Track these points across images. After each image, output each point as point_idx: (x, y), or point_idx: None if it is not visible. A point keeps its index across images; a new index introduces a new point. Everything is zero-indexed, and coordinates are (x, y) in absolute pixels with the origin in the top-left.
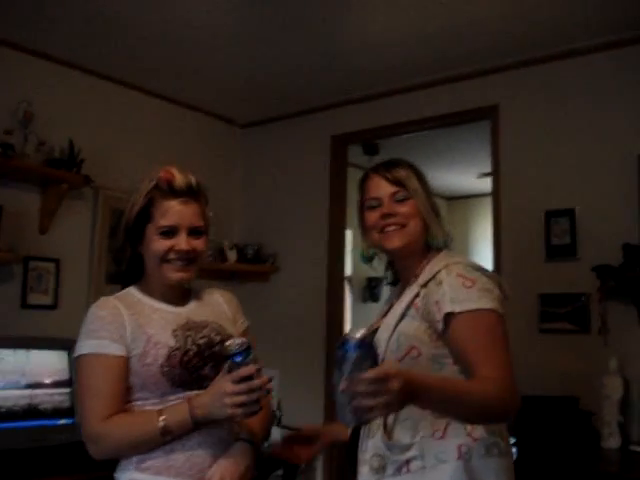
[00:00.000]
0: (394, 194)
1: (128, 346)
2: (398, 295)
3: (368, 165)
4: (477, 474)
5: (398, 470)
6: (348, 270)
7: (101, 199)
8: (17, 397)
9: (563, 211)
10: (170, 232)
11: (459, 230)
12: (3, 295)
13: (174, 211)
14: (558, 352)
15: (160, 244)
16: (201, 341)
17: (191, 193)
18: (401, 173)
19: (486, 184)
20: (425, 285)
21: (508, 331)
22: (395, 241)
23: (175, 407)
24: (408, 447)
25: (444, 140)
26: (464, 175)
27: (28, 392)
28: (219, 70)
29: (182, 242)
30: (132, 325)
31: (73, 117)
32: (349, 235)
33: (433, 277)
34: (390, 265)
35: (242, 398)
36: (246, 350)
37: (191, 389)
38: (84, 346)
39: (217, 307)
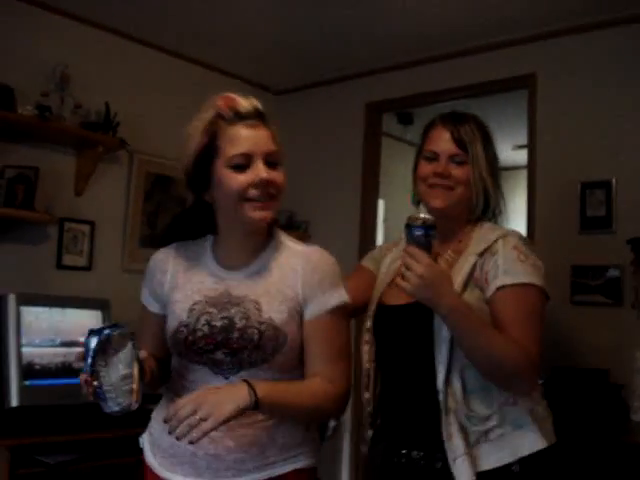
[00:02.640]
0: (453, 155)
1: (163, 303)
2: (438, 250)
3: (402, 135)
4: (547, 434)
5: (477, 441)
6: (380, 240)
7: (136, 163)
8: (52, 355)
9: (599, 183)
10: (244, 164)
11: None
12: (39, 255)
13: (245, 137)
14: (590, 324)
15: (236, 180)
16: (219, 323)
17: (259, 116)
18: (468, 134)
19: (521, 156)
20: (481, 254)
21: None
22: (438, 201)
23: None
24: (488, 417)
25: (479, 110)
26: (499, 147)
27: (63, 350)
28: (254, 36)
29: (261, 171)
30: (170, 284)
31: (109, 81)
32: (382, 205)
33: (490, 247)
34: None
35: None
36: (428, 227)
37: (210, 367)
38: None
39: (283, 277)
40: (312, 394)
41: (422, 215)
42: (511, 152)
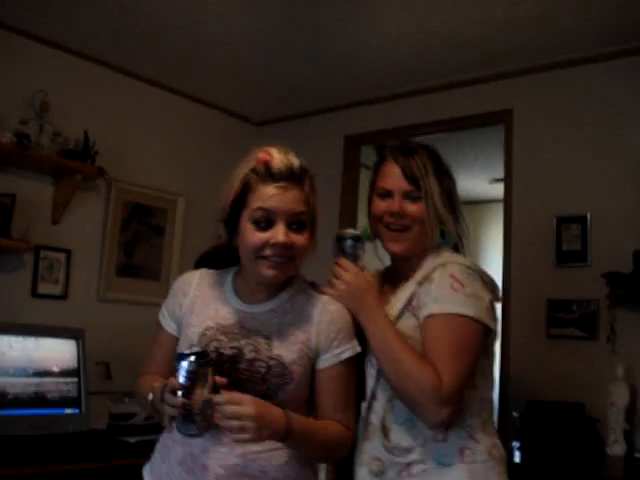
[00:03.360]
0: (407, 192)
1: (179, 324)
2: (393, 285)
3: None
4: (481, 478)
5: (398, 474)
6: None
7: (114, 192)
8: (25, 385)
9: (575, 217)
10: (266, 222)
11: (471, 236)
12: (14, 283)
13: (270, 196)
14: (565, 358)
15: (254, 236)
16: (228, 351)
17: (292, 177)
18: (419, 168)
19: (498, 190)
20: (421, 283)
21: (517, 333)
22: (397, 246)
23: (161, 387)
24: (409, 450)
25: (457, 144)
26: (476, 180)
27: (36, 380)
28: (235, 68)
29: (279, 234)
30: (187, 307)
31: (89, 109)
32: None
33: (428, 275)
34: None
35: (167, 409)
36: (357, 239)
37: None
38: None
39: (298, 320)
40: (331, 434)
41: (349, 230)
42: (488, 185)
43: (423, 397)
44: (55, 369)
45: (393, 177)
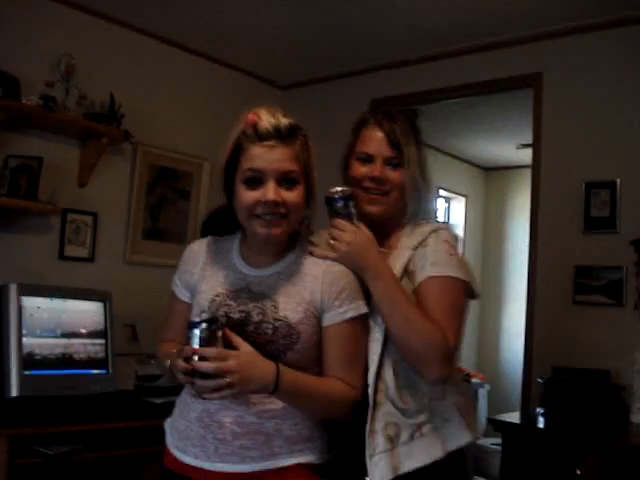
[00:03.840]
0: (389, 158)
1: (192, 292)
2: None
3: None
4: (471, 428)
5: (411, 436)
6: None
7: (140, 155)
8: (52, 346)
9: (604, 183)
10: (255, 180)
11: (496, 202)
12: (41, 246)
13: (259, 157)
14: (591, 325)
15: (246, 195)
16: (236, 315)
17: (280, 136)
18: (403, 135)
19: (525, 155)
20: (416, 248)
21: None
22: (375, 208)
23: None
24: (420, 411)
25: (485, 108)
26: (503, 145)
27: (63, 341)
28: (261, 30)
29: (269, 192)
30: (198, 275)
31: (114, 72)
32: None
33: (423, 240)
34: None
35: (181, 378)
36: (347, 197)
37: None
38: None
39: (303, 281)
40: (329, 391)
41: (338, 188)
42: (515, 151)
43: (431, 353)
44: (82, 331)
45: (376, 142)
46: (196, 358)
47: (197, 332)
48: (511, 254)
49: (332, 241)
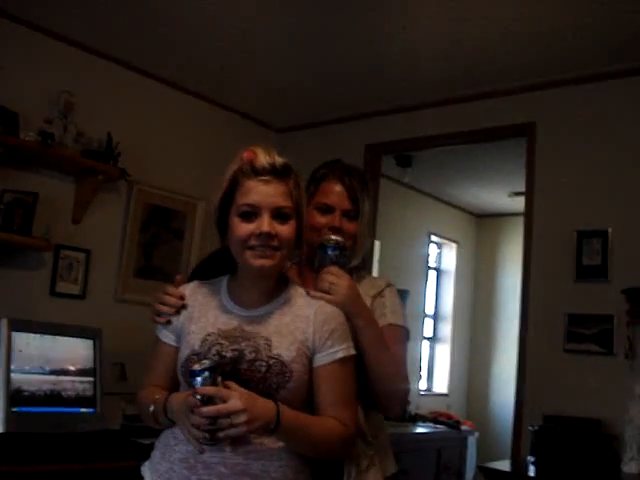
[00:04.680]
0: (347, 211)
1: (177, 335)
2: None
3: (400, 177)
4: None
5: (368, 465)
6: None
7: (135, 193)
8: (41, 382)
9: (596, 232)
10: (251, 213)
11: (487, 248)
12: (33, 281)
13: (255, 190)
14: (583, 373)
15: (241, 228)
16: (229, 354)
17: (275, 172)
18: (359, 190)
19: (517, 203)
20: (374, 297)
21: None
22: None
23: (162, 399)
24: (374, 443)
25: (477, 156)
26: (495, 193)
27: (52, 378)
28: (259, 75)
29: (263, 224)
30: (185, 317)
31: (113, 111)
32: (377, 246)
33: (380, 291)
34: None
35: (195, 432)
36: (342, 247)
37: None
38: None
39: (295, 321)
40: (327, 430)
41: (333, 237)
42: (507, 198)
43: (402, 393)
44: (72, 368)
45: (336, 195)
46: (198, 403)
47: (199, 380)
48: (502, 301)
49: (330, 286)
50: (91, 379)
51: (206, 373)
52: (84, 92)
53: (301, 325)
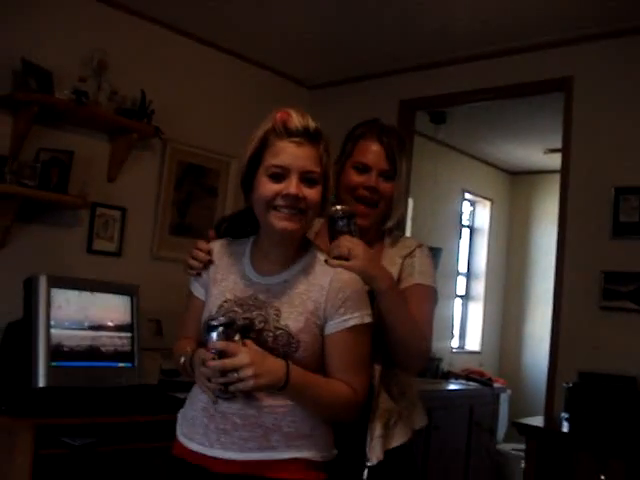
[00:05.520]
0: (384, 171)
1: (206, 291)
2: None
3: (434, 134)
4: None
5: (396, 420)
6: None
7: (169, 151)
8: (80, 338)
9: (634, 188)
10: (280, 175)
11: (521, 206)
12: (70, 239)
13: (286, 152)
14: (618, 331)
15: (268, 187)
16: (240, 322)
17: (308, 135)
18: (397, 150)
19: (552, 160)
20: (404, 258)
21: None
22: (363, 221)
23: (191, 351)
24: (401, 398)
25: (512, 112)
26: (530, 149)
27: (91, 333)
28: (290, 29)
29: (291, 186)
30: (211, 275)
31: (146, 69)
32: (410, 204)
33: (411, 252)
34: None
35: (207, 384)
36: (350, 215)
37: None
38: None
39: (309, 290)
40: (335, 392)
41: (339, 207)
42: (542, 155)
43: (423, 351)
44: (109, 323)
45: (374, 154)
46: (211, 357)
47: (214, 335)
48: (535, 259)
49: (349, 255)
50: (129, 334)
51: (220, 329)
52: (117, 50)
53: (314, 294)
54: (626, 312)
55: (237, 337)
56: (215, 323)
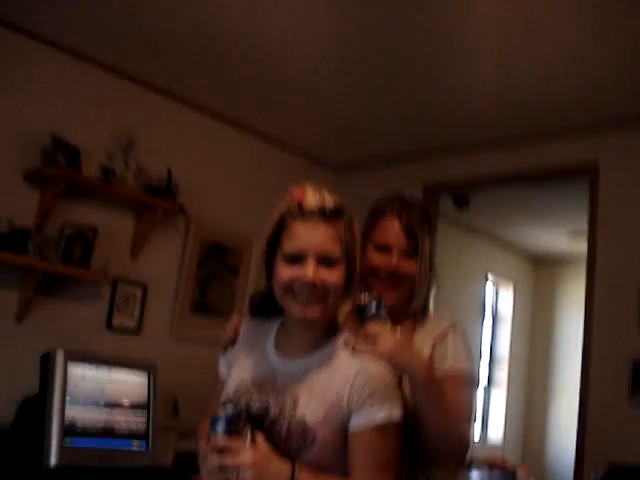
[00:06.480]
0: (405, 249)
1: (229, 370)
2: None
3: (457, 216)
4: None
5: None
6: None
7: (192, 229)
8: (95, 416)
9: None
10: (296, 259)
11: (545, 293)
12: (90, 314)
13: (301, 234)
14: None
15: (285, 272)
16: (256, 407)
17: (324, 215)
18: (419, 227)
19: (576, 246)
20: (436, 339)
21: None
22: (389, 301)
23: None
24: None
25: (536, 195)
26: (554, 234)
27: (106, 412)
28: (316, 111)
29: (308, 271)
30: (235, 353)
31: (173, 148)
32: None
33: (443, 332)
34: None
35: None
36: (378, 301)
37: None
38: None
39: (332, 380)
40: None
41: (366, 294)
42: (566, 240)
43: (466, 443)
44: (125, 402)
45: (394, 233)
46: (212, 451)
47: (219, 427)
48: (560, 346)
49: (377, 342)
50: (145, 413)
51: (226, 420)
52: (145, 128)
53: (337, 385)
54: None
55: (246, 428)
56: (221, 414)
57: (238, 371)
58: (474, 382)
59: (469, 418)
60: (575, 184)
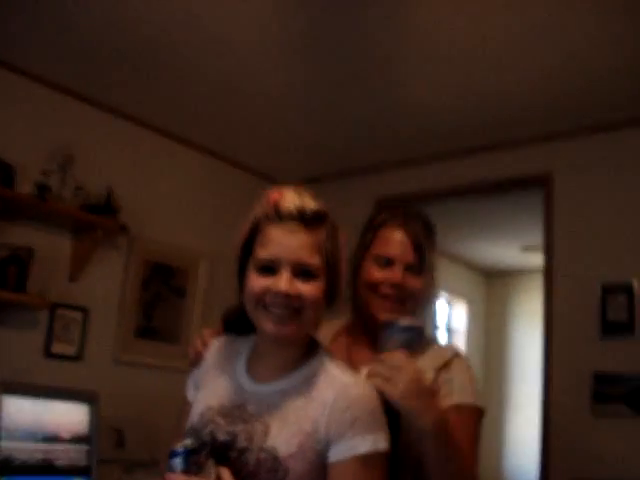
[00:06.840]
0: (410, 264)
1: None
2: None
3: None
4: None
5: None
6: None
7: (135, 249)
8: (32, 450)
9: (620, 285)
10: (270, 268)
11: (498, 307)
12: (27, 342)
13: (276, 241)
14: (611, 436)
15: (255, 282)
16: (222, 437)
17: (303, 220)
18: (424, 239)
19: (529, 259)
20: (439, 370)
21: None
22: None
23: None
24: None
25: (488, 209)
26: (506, 248)
27: (44, 446)
28: (262, 126)
29: (281, 282)
30: (200, 379)
31: (113, 164)
32: None
33: (446, 363)
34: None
35: None
36: (419, 330)
37: None
38: None
39: (308, 407)
40: None
41: (409, 319)
42: (519, 254)
43: None
44: (65, 435)
45: (398, 245)
46: None
47: (177, 463)
48: (515, 360)
49: (391, 373)
50: (86, 446)
51: (185, 455)
52: (84, 145)
53: (313, 412)
54: (618, 417)
55: (209, 463)
56: (179, 448)
57: (205, 395)
58: (482, 416)
59: (476, 456)
60: (527, 196)
